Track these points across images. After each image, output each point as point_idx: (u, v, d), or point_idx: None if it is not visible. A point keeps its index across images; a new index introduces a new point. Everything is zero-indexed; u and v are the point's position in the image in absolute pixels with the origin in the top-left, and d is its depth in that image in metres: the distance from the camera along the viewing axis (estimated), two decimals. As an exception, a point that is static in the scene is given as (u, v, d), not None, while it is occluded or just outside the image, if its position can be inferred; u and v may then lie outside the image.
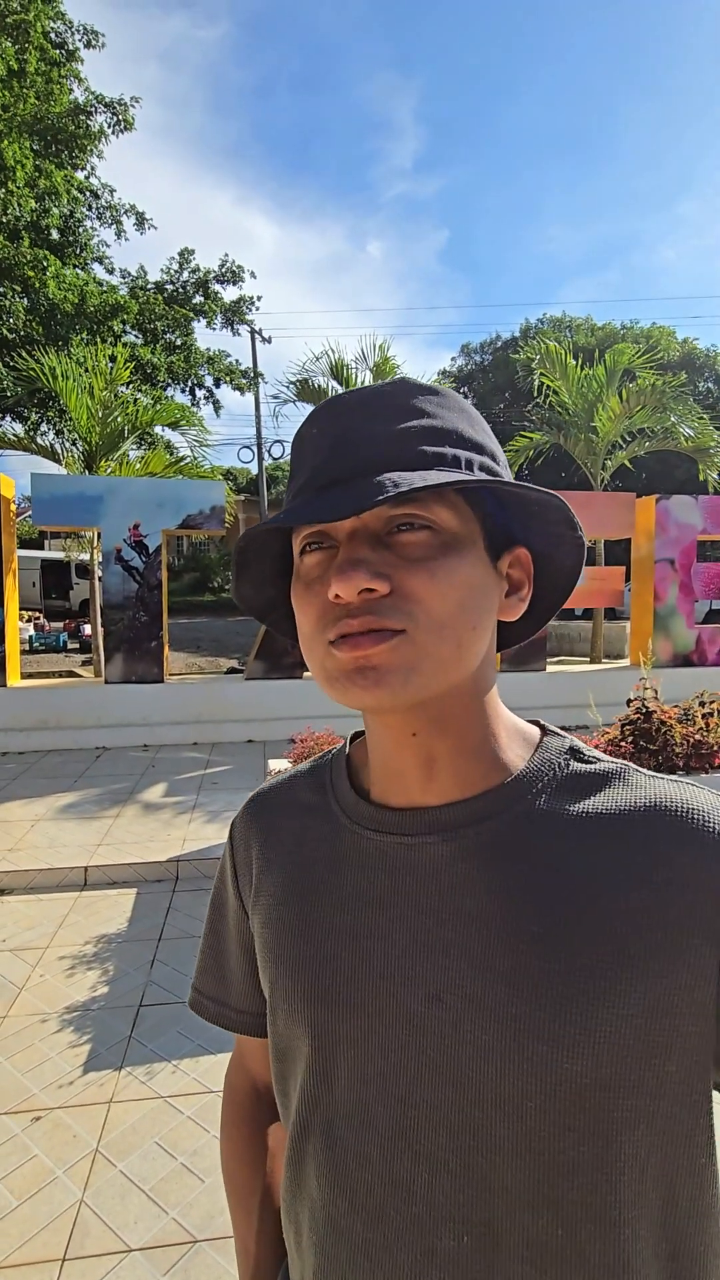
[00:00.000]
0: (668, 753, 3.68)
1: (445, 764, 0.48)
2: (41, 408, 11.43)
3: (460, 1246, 0.43)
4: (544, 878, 0.44)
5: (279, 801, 0.59)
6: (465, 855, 0.46)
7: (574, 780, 0.48)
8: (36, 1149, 1.98)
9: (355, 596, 0.42)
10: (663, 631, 7.35)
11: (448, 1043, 0.43)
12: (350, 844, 0.51)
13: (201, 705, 6.76)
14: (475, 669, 0.47)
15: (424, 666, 0.43)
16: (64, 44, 12.05)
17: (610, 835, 0.44)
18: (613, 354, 9.23)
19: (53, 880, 3.78)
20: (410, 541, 0.43)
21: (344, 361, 8.59)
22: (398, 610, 0.42)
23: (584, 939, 0.42)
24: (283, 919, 0.52)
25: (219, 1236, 1.71)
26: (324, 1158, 0.48)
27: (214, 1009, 0.63)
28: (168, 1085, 2.23)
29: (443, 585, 0.43)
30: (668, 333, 25.40)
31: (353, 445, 0.44)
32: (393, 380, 0.46)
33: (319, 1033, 0.48)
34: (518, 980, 0.42)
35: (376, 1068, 0.46)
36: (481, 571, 0.45)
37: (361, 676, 0.43)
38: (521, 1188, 0.42)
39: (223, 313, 15.30)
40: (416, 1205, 0.44)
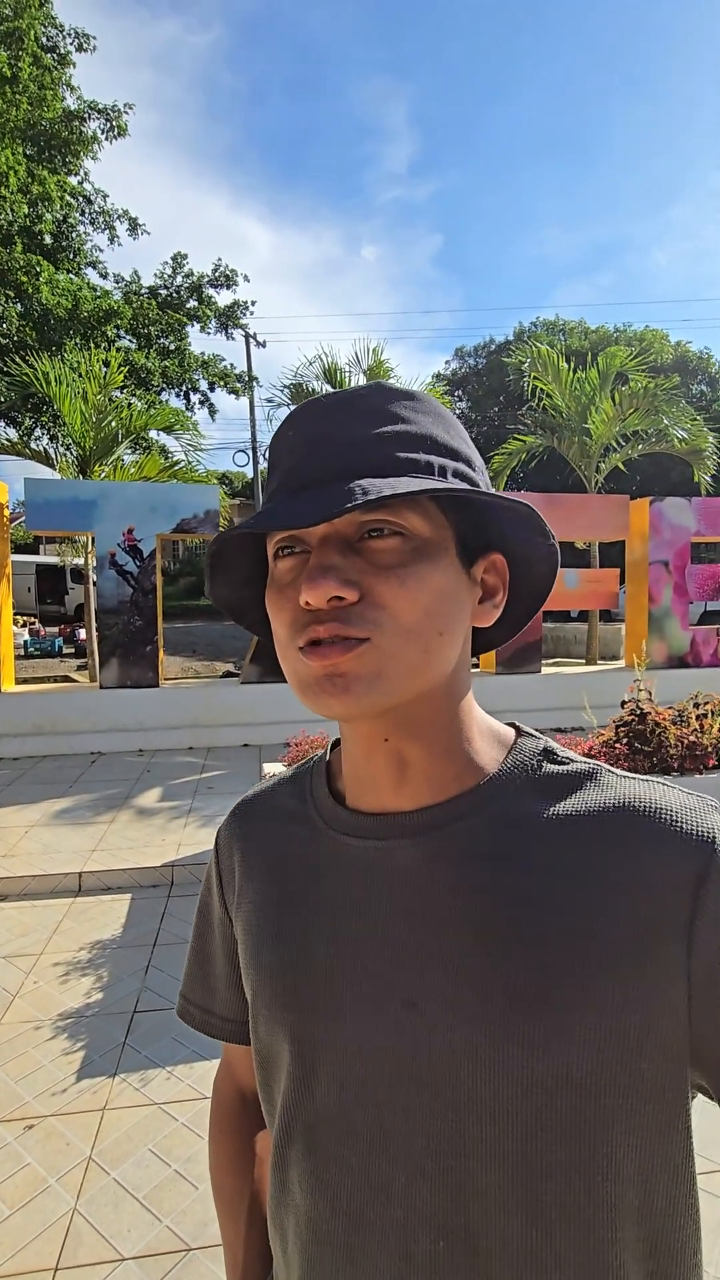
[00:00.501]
0: (662, 754, 3.69)
1: (417, 768, 0.48)
2: (35, 413, 11.41)
3: (438, 1250, 0.43)
4: (515, 879, 0.44)
5: (261, 809, 0.59)
6: (437, 858, 0.46)
7: (546, 781, 0.48)
8: (29, 1157, 1.96)
9: (325, 604, 0.42)
10: (657, 633, 7.37)
11: (422, 1047, 0.43)
12: (328, 849, 0.51)
13: (197, 710, 6.75)
14: (447, 674, 0.47)
15: (390, 673, 0.43)
16: (55, 48, 12.07)
17: (581, 836, 0.44)
18: (605, 357, 9.27)
19: (47, 886, 3.77)
20: (381, 548, 0.43)
21: (338, 365, 8.62)
22: (364, 618, 0.42)
23: (555, 941, 0.41)
24: (263, 925, 0.52)
25: (213, 1244, 1.70)
26: (306, 1164, 0.48)
27: (200, 1017, 0.63)
28: (162, 1092, 2.22)
29: (412, 592, 0.42)
30: (661, 336, 25.53)
31: (326, 448, 0.43)
32: (369, 384, 0.46)
33: (298, 1038, 0.48)
34: (489, 983, 0.42)
35: (354, 1073, 0.46)
36: (452, 578, 0.45)
37: (330, 684, 0.43)
38: (497, 1190, 0.41)
39: (217, 317, 15.30)
40: (395, 1209, 0.44)
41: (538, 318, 30.23)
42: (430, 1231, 0.43)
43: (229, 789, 5.31)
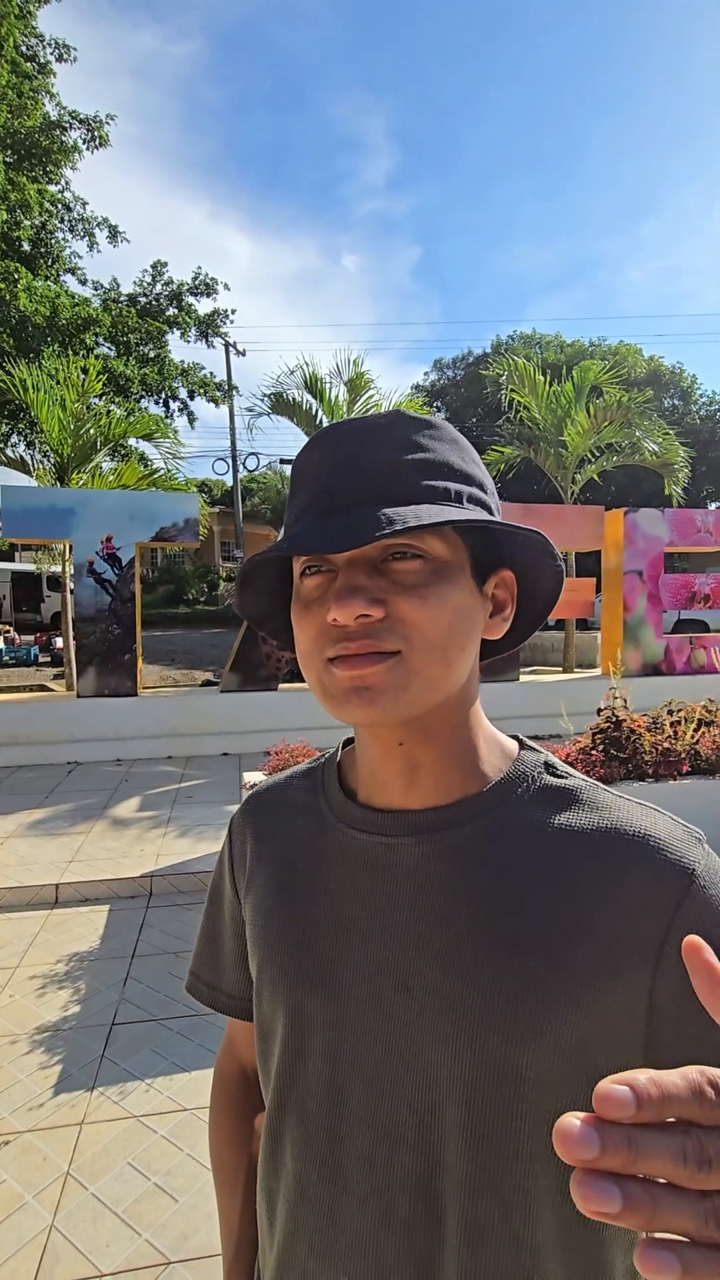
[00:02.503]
0: (637, 760, 3.75)
1: (427, 771, 0.51)
2: (12, 420, 11.31)
3: (415, 1216, 0.46)
4: (507, 884, 0.47)
5: (274, 800, 0.62)
6: (439, 857, 0.49)
7: (544, 794, 0.51)
8: (5, 1174, 1.93)
9: (353, 622, 0.45)
10: (632, 641, 7.49)
11: (412, 1029, 0.47)
12: (336, 841, 0.54)
13: (176, 718, 6.70)
14: (462, 685, 0.50)
15: (415, 685, 0.46)
16: (35, 57, 12.06)
17: (572, 852, 0.47)
18: (580, 370, 9.45)
19: (23, 899, 3.71)
20: (404, 569, 0.46)
21: (318, 375, 8.66)
22: (393, 633, 0.45)
23: (538, 945, 0.44)
24: (271, 908, 0.56)
25: (193, 1257, 1.69)
26: (298, 1132, 0.51)
27: (208, 993, 0.67)
28: (141, 1104, 2.20)
29: (434, 610, 0.46)
30: (634, 350, 26.05)
31: (351, 474, 0.46)
32: (389, 412, 0.49)
33: (296, 1014, 0.52)
34: (476, 976, 0.45)
35: (347, 1050, 0.49)
36: (469, 595, 0.48)
37: (357, 695, 0.46)
38: (465, 1170, 0.45)
39: (196, 325, 15.33)
40: (378, 1177, 0.47)
41: (515, 331, 30.71)
42: (409, 1199, 0.46)
43: (208, 798, 5.29)
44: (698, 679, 7.46)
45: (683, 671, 7.62)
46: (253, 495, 30.14)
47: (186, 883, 3.87)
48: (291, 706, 6.59)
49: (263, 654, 6.75)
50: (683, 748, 3.79)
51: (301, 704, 6.58)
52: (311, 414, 8.79)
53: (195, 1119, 2.13)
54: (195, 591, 24.08)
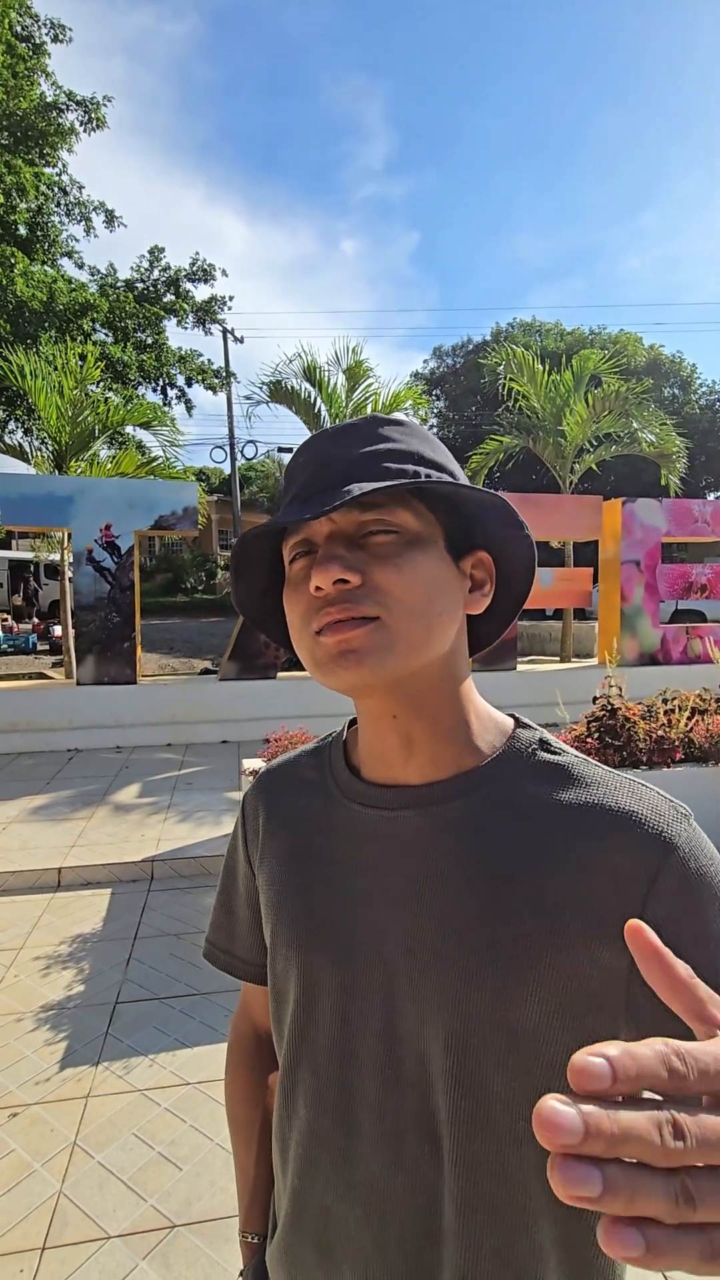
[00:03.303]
0: (631, 748, 3.80)
1: (422, 745, 0.54)
2: (9, 406, 11.26)
3: (421, 1154, 0.51)
4: (500, 854, 0.50)
5: (284, 777, 0.66)
6: (436, 829, 0.53)
7: (537, 769, 0.54)
8: (14, 1143, 1.99)
9: (331, 587, 0.49)
10: (629, 631, 7.54)
11: (414, 987, 0.51)
12: (342, 815, 0.58)
13: (175, 706, 6.75)
14: (445, 654, 0.54)
15: (397, 647, 0.50)
16: (30, 37, 11.90)
17: (562, 823, 0.50)
18: (580, 360, 9.43)
19: (26, 882, 3.77)
20: (379, 542, 0.50)
21: (317, 363, 8.63)
22: (370, 599, 0.49)
23: (528, 910, 0.48)
24: (284, 877, 0.60)
25: (197, 1221, 1.75)
26: (311, 1084, 0.56)
27: (224, 959, 0.71)
28: (145, 1079, 2.26)
29: (408, 576, 0.50)
30: (634, 339, 25.92)
31: (328, 466, 0.51)
32: (363, 416, 0.54)
33: (307, 975, 0.56)
34: (472, 939, 0.49)
35: (356, 1008, 0.54)
36: (443, 567, 0.52)
37: (344, 659, 0.49)
38: (464, 1112, 0.50)
39: (194, 312, 15.23)
40: (387, 1122, 0.52)
41: (515, 318, 30.51)
42: (415, 1139, 0.51)
43: (208, 785, 5.34)
44: (693, 669, 7.51)
45: (679, 661, 7.67)
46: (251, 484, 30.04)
47: (187, 867, 3.93)
48: (290, 694, 6.63)
49: (261, 643, 6.79)
50: (676, 735, 3.85)
51: (300, 692, 6.63)
52: (310, 402, 8.78)
53: (198, 1093, 2.20)
54: (193, 580, 24.06)
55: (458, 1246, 0.50)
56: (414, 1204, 0.51)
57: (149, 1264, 1.64)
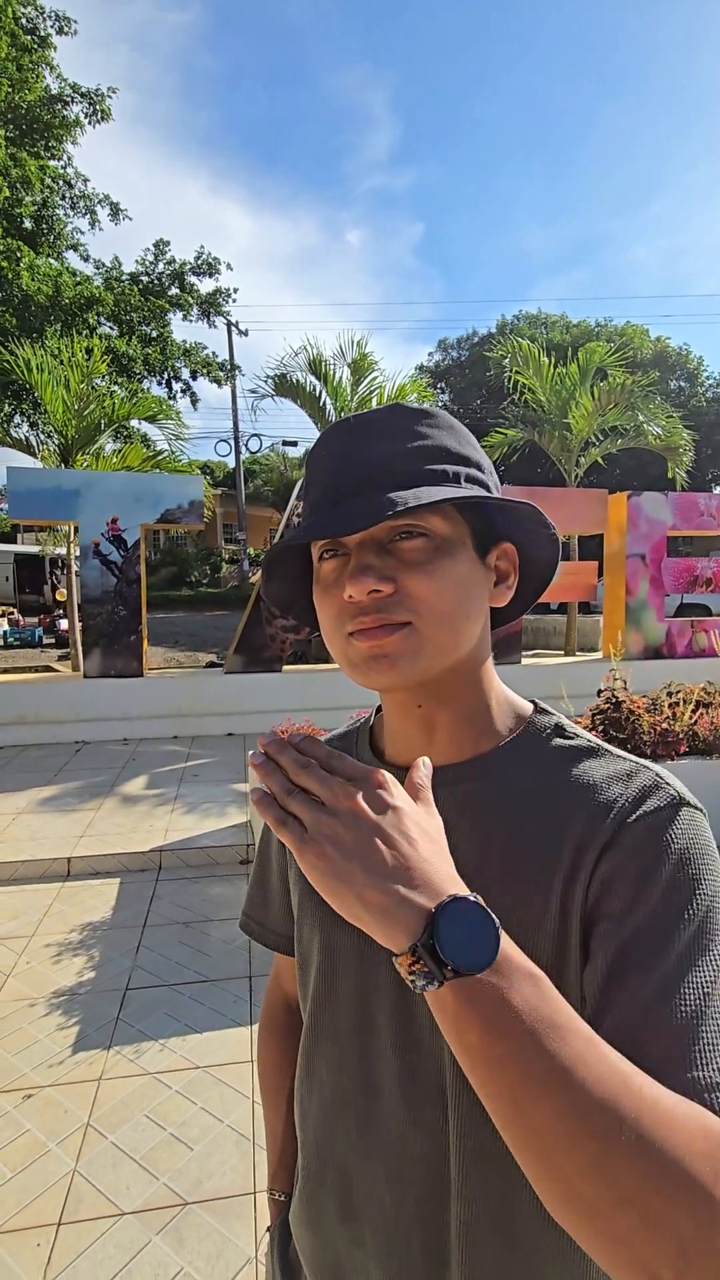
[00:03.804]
0: (636, 741, 3.82)
1: (444, 730, 0.57)
2: (15, 400, 11.28)
3: (438, 1116, 0.54)
4: (509, 832, 0.53)
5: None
6: (453, 808, 0.55)
7: (552, 753, 0.56)
8: (29, 1124, 2.04)
9: (365, 597, 0.51)
10: (634, 625, 7.54)
11: None
12: None
13: (181, 699, 6.79)
14: (472, 649, 0.56)
15: (427, 651, 0.52)
16: (35, 30, 11.86)
17: (565, 804, 0.53)
18: (585, 352, 9.39)
19: (36, 871, 3.82)
20: (409, 548, 0.52)
21: (322, 357, 8.63)
22: (402, 606, 0.51)
23: (534, 886, 0.51)
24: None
25: (209, 1199, 1.79)
26: (332, 1048, 0.60)
27: (258, 930, 0.76)
28: (156, 1062, 2.30)
29: (439, 583, 0.52)
30: (641, 331, 25.76)
31: (357, 463, 0.52)
32: (388, 405, 0.55)
33: (329, 945, 0.60)
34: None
35: (373, 979, 0.57)
36: (471, 568, 0.54)
37: (377, 662, 0.52)
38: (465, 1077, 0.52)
39: (199, 305, 15.19)
40: (404, 1084, 0.55)
41: (520, 310, 30.35)
42: (430, 1100, 0.54)
43: (214, 777, 5.38)
44: (698, 662, 7.51)
45: (684, 655, 7.68)
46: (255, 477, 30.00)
47: (194, 857, 3.98)
48: (296, 688, 6.67)
49: (267, 636, 6.82)
50: (681, 728, 3.87)
51: (305, 685, 6.66)
52: (315, 396, 8.78)
53: (207, 1076, 2.24)
54: (198, 574, 24.09)
55: (461, 1203, 0.53)
56: (428, 1162, 0.54)
57: (162, 1239, 1.68)
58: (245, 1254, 1.65)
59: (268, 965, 2.88)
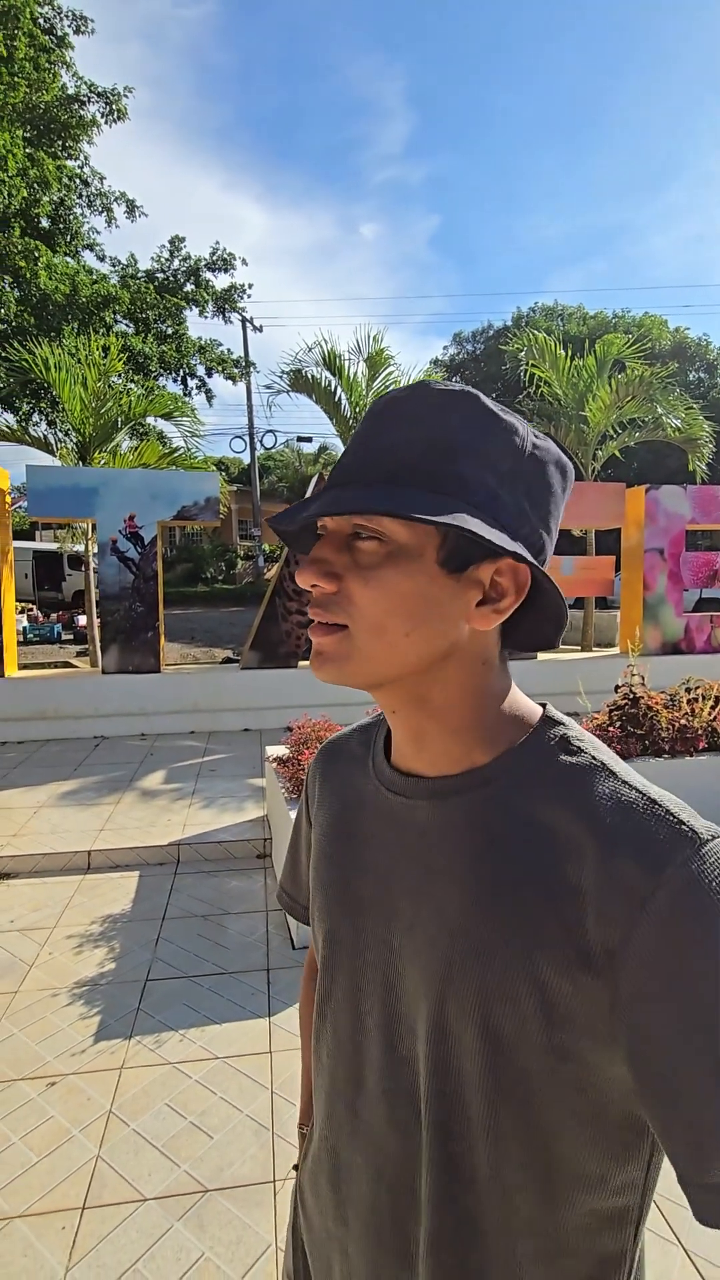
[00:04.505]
0: (654, 737, 3.80)
1: (432, 740, 0.55)
2: (34, 399, 11.40)
3: (410, 1120, 0.54)
4: (494, 854, 0.50)
5: (338, 749, 0.70)
6: (444, 822, 0.54)
7: (549, 773, 0.51)
8: (53, 1110, 2.08)
9: (309, 589, 0.51)
10: (652, 620, 7.48)
11: (413, 966, 0.54)
12: (372, 795, 0.61)
13: (198, 695, 6.85)
14: (423, 666, 0.52)
15: (356, 658, 0.51)
16: (53, 30, 11.93)
17: (555, 836, 0.48)
18: (603, 344, 9.30)
19: (57, 864, 3.88)
20: (363, 549, 0.50)
21: (337, 352, 8.62)
22: (340, 608, 0.50)
23: (515, 918, 0.48)
24: (323, 845, 0.65)
25: (229, 1186, 1.82)
26: (332, 1039, 0.62)
27: (289, 902, 0.80)
28: (176, 1052, 2.34)
29: (375, 592, 0.49)
30: (659, 322, 25.44)
31: (364, 450, 0.51)
32: (415, 384, 0.50)
33: (331, 939, 0.61)
34: (459, 933, 0.51)
35: (365, 979, 0.58)
36: (424, 582, 0.49)
37: (316, 658, 0.53)
38: (439, 1094, 0.52)
39: (214, 301, 15.24)
40: (386, 1083, 0.56)
41: (536, 302, 30.05)
42: (406, 1105, 0.55)
43: (231, 772, 5.43)
44: (717, 658, 7.44)
45: (703, 650, 7.60)
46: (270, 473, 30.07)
47: (212, 851, 4.02)
48: (311, 683, 6.69)
49: (282, 632, 6.85)
50: (700, 725, 3.83)
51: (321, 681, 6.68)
52: (330, 391, 8.77)
53: (227, 1067, 2.27)
54: (213, 570, 24.22)
55: (430, 1210, 0.52)
56: (403, 1165, 0.55)
57: (184, 1224, 1.71)
58: (265, 1241, 1.67)
59: (284, 959, 2.91)
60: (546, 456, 0.52)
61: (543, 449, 0.52)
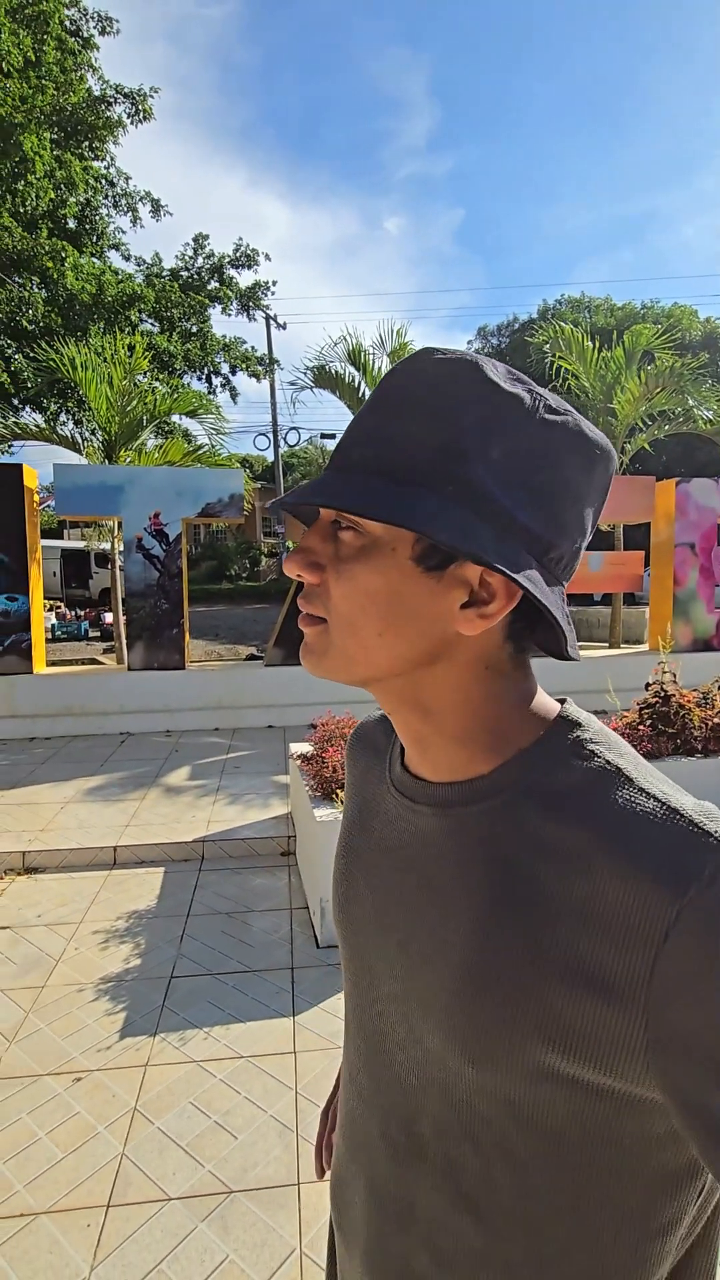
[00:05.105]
0: (686, 735, 3.71)
1: (433, 745, 0.51)
2: (61, 398, 11.54)
3: (400, 1139, 0.52)
4: (498, 873, 0.46)
5: (367, 738, 0.67)
6: (446, 832, 0.50)
7: (559, 780, 0.46)
8: (79, 1106, 2.09)
9: (295, 578, 0.49)
10: (682, 616, 7.32)
11: (406, 985, 0.51)
12: (385, 794, 0.59)
13: (222, 692, 6.87)
14: (400, 668, 0.48)
15: (333, 654, 0.48)
16: (79, 31, 12.04)
17: (565, 851, 0.43)
18: (631, 335, 9.12)
19: (83, 860, 3.91)
20: (343, 539, 0.47)
21: (361, 346, 8.58)
22: (320, 601, 0.48)
23: (519, 943, 0.44)
24: (343, 837, 0.63)
25: (253, 1188, 1.80)
26: (347, 1037, 0.62)
27: None
28: (200, 1050, 2.33)
29: (345, 587, 0.46)
30: (689, 312, 24.92)
31: (351, 431, 0.47)
32: (415, 355, 0.46)
33: (341, 939, 0.61)
34: (454, 956, 0.47)
35: (363, 984, 0.57)
36: (395, 579, 0.45)
37: (302, 648, 0.51)
38: (444, 1120, 0.49)
39: (238, 298, 15.28)
40: (381, 1098, 0.55)
41: (563, 295, 29.67)
42: (405, 1123, 0.53)
43: (255, 769, 5.43)
44: (750, 655, 7.26)
45: (734, 647, 7.41)
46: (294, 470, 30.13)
47: (236, 848, 4.02)
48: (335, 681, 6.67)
49: (306, 628, 6.84)
50: (733, 723, 3.73)
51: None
52: (354, 387, 8.74)
53: (251, 1066, 2.26)
54: (237, 567, 24.36)
55: (420, 1241, 0.50)
56: (395, 1184, 0.53)
57: (208, 1226, 1.70)
58: (290, 1245, 1.65)
59: (309, 957, 2.89)
60: (562, 434, 0.45)
61: (559, 424, 0.45)
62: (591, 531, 0.50)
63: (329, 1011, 2.53)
